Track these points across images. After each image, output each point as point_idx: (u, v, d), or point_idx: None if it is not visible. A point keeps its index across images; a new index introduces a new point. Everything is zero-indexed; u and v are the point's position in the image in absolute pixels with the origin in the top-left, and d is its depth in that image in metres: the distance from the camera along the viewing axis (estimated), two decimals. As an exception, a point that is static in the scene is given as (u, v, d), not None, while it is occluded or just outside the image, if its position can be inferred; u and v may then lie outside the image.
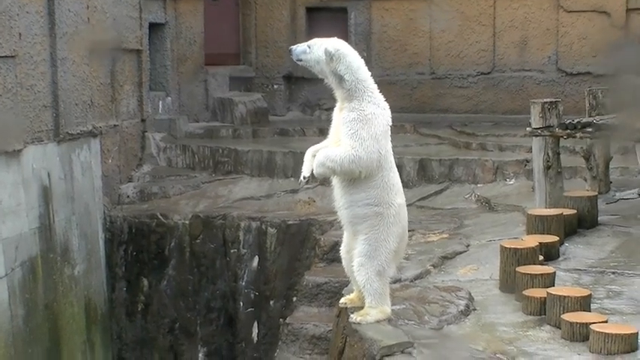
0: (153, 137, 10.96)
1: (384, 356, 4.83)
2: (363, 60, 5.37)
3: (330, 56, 5.26)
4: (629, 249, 6.68)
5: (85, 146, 9.47)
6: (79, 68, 9.35)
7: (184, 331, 9.38)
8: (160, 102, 11.47)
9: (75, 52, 9.25)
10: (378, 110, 5.18)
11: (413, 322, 5.32)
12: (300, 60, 5.48)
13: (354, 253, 5.20)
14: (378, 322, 5.17)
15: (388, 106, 5.27)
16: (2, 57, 8.09)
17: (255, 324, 9.02)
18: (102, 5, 9.83)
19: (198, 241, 9.34)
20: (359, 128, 5.08)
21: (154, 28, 11.35)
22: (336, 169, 5.07)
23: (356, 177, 5.07)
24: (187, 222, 9.41)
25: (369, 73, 5.33)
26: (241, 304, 9.10)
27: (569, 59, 12.44)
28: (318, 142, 11.54)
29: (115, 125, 10.19)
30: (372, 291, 5.14)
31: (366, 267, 5.10)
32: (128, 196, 10.16)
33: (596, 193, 7.59)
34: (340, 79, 5.25)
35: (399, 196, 5.14)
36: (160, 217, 9.54)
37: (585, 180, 8.40)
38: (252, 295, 9.06)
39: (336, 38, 5.38)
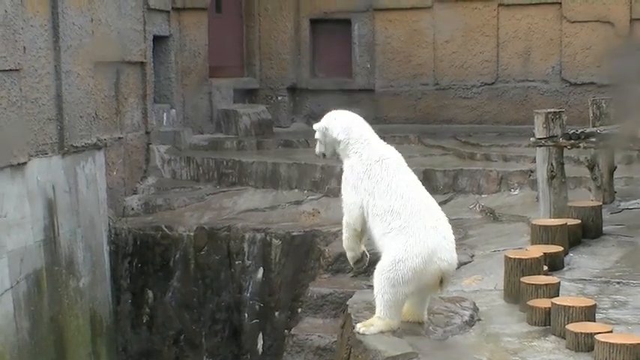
0: (157, 149, 10.98)
1: (388, 367, 4.83)
2: (353, 119, 5.56)
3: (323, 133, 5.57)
4: (633, 259, 6.67)
5: (89, 159, 9.50)
6: (83, 81, 9.37)
7: (189, 343, 9.38)
8: (165, 114, 11.50)
9: (79, 65, 9.28)
10: (354, 160, 5.32)
11: (417, 333, 5.30)
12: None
13: None
14: (381, 332, 5.14)
15: (385, 153, 5.37)
16: (7, 70, 8.12)
17: (260, 335, 9.01)
18: (106, 18, 9.86)
19: (202, 252, 9.35)
20: (342, 191, 5.38)
21: (158, 40, 11.38)
22: (345, 235, 5.38)
23: (360, 230, 5.28)
24: (192, 234, 9.42)
25: (363, 128, 5.47)
26: (246, 315, 9.10)
27: (572, 69, 12.45)
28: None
29: (119, 138, 10.21)
30: (383, 302, 5.10)
31: (381, 277, 5.07)
32: (133, 209, 10.17)
33: (601, 203, 7.59)
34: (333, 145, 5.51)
35: (423, 221, 5.05)
36: (165, 229, 9.55)
37: (590, 190, 8.40)
38: (257, 307, 9.06)
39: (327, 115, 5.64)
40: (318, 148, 5.66)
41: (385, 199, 5.15)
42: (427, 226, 5.05)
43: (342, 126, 5.53)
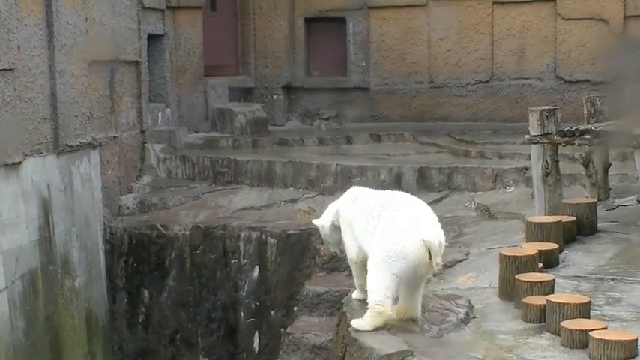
0: (152, 148, 10.97)
1: (383, 365, 4.83)
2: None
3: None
4: (628, 255, 6.68)
5: (84, 158, 9.49)
6: (77, 80, 9.37)
7: (185, 342, 9.38)
8: (160, 113, 11.50)
9: (74, 64, 9.27)
10: None
11: (412, 331, 5.31)
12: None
13: None
14: (376, 327, 5.16)
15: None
16: (1, 70, 8.13)
17: (256, 334, 9.02)
18: (100, 17, 9.86)
19: (198, 251, 9.34)
20: None
21: (153, 39, 11.37)
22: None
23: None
24: (187, 233, 9.42)
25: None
26: (242, 314, 9.10)
27: (567, 67, 12.47)
28: (317, 152, 11.60)
29: (114, 137, 10.21)
30: (374, 287, 5.15)
31: (372, 264, 5.18)
32: (128, 208, 10.17)
33: (595, 200, 7.60)
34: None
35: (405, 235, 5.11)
36: (160, 228, 9.55)
37: (584, 187, 8.41)
38: (252, 305, 9.06)
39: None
40: None
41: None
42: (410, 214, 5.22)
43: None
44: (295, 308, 8.24)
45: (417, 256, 5.04)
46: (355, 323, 5.25)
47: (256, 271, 9.08)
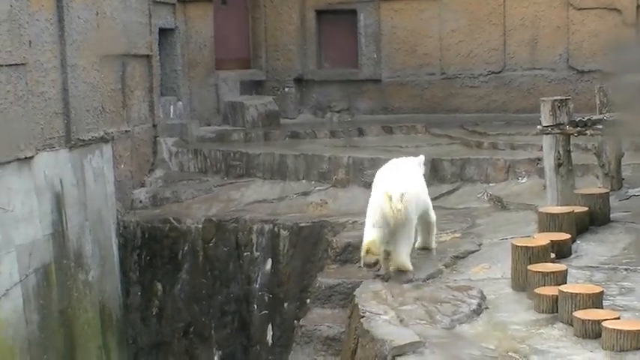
0: (165, 142, 10.99)
1: (395, 356, 4.83)
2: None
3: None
4: (641, 245, 6.65)
5: (96, 152, 9.51)
6: (89, 75, 9.39)
7: (199, 335, 9.40)
8: (171, 107, 11.51)
9: (85, 59, 9.29)
10: None
11: (425, 322, 5.31)
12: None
13: None
14: (364, 262, 6.26)
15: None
16: (13, 65, 8.14)
17: (270, 326, 9.03)
18: (111, 12, 9.87)
19: (211, 244, 9.36)
20: None
21: (164, 33, 11.38)
22: None
23: None
24: (200, 226, 9.43)
25: None
26: (255, 306, 9.12)
27: (580, 57, 12.41)
28: (329, 144, 11.63)
29: (126, 131, 10.23)
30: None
31: None
32: (141, 201, 10.19)
33: (608, 190, 7.57)
34: None
35: None
36: (173, 221, 9.56)
37: (597, 177, 8.37)
38: (265, 298, 9.07)
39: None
40: None
41: None
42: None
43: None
44: (308, 300, 8.22)
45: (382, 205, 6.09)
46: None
47: (269, 263, 9.08)
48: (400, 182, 6.21)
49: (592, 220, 7.11)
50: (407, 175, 6.45)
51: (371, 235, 6.19)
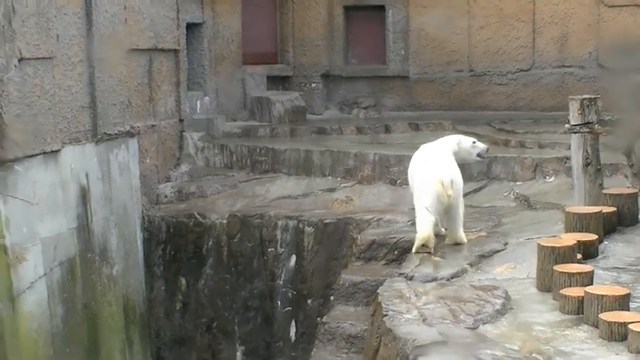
0: (191, 137, 10.98)
1: (418, 356, 4.78)
2: None
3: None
4: (670, 247, 6.56)
5: (122, 146, 9.53)
6: (116, 69, 9.40)
7: (222, 330, 9.39)
8: (198, 101, 11.51)
9: (112, 53, 9.30)
10: None
11: (448, 321, 5.27)
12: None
13: None
14: (417, 250, 6.92)
15: None
16: (40, 58, 8.16)
17: (293, 323, 9.01)
18: (139, 6, 9.87)
19: (235, 240, 9.35)
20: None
21: (192, 27, 11.38)
22: None
23: None
24: (225, 221, 9.42)
25: None
26: (279, 303, 9.10)
27: (610, 54, 12.26)
28: (355, 141, 11.69)
29: (152, 125, 10.24)
30: None
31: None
32: (166, 196, 10.20)
33: (637, 191, 7.45)
34: None
35: None
36: (198, 216, 9.56)
37: (626, 177, 8.27)
38: (289, 294, 9.05)
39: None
40: None
41: None
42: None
43: None
44: (331, 298, 8.21)
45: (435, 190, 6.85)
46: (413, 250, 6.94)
47: (293, 260, 9.06)
48: (449, 169, 7.02)
49: (620, 220, 7.02)
50: (451, 160, 7.20)
51: (426, 229, 6.88)
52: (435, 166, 7.04)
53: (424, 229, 6.90)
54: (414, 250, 6.94)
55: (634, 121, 7.08)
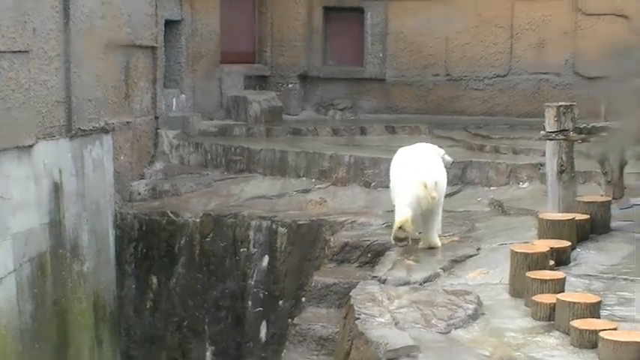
0: (166, 134, 10.94)
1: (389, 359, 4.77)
2: None
3: None
4: (641, 255, 6.59)
5: (97, 142, 9.46)
6: (92, 64, 9.32)
7: (192, 330, 9.35)
8: (174, 99, 11.45)
9: (89, 48, 9.22)
10: None
11: (420, 326, 5.26)
12: None
13: None
14: (395, 237, 7.00)
15: None
16: (16, 52, 8.08)
17: (264, 324, 8.98)
18: (117, 2, 9.81)
19: (208, 239, 9.31)
20: None
21: (170, 25, 11.32)
22: None
23: None
24: (198, 220, 9.38)
25: None
26: (250, 303, 9.07)
27: (586, 62, 12.33)
28: (331, 142, 11.74)
29: (127, 122, 10.17)
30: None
31: None
32: (139, 194, 10.14)
33: (610, 199, 7.50)
34: None
35: None
36: (171, 214, 9.51)
37: (600, 185, 8.31)
38: (261, 295, 9.02)
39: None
40: None
41: None
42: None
43: None
44: (303, 299, 8.17)
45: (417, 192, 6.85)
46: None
47: (266, 260, 9.04)
48: (434, 170, 7.06)
49: (593, 228, 7.05)
50: (436, 162, 7.23)
51: (405, 212, 6.84)
52: (420, 167, 7.04)
53: (403, 213, 6.87)
54: (392, 236, 6.99)
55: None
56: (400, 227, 6.86)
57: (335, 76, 13.20)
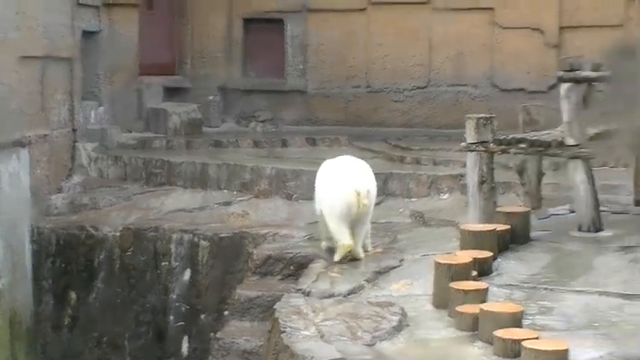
0: (84, 147, 10.77)
1: (315, 373, 4.75)
2: None
3: None
4: (560, 265, 6.70)
5: (13, 156, 9.25)
6: (7, 76, 9.14)
7: (112, 346, 9.17)
8: (92, 112, 11.28)
9: (4, 59, 9.03)
10: None
11: (346, 338, 5.24)
12: None
13: None
14: (341, 257, 6.96)
15: None
16: None
17: (186, 338, 8.87)
18: (33, 12, 9.63)
19: (128, 253, 9.16)
20: None
21: (87, 36, 11.16)
22: None
23: None
24: (118, 234, 9.22)
25: None
26: (171, 317, 8.95)
27: (503, 75, 12.55)
28: (252, 154, 11.66)
29: (44, 135, 9.98)
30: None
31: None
32: (57, 208, 9.96)
33: (529, 209, 7.61)
34: None
35: None
36: (90, 228, 9.34)
37: (518, 195, 8.43)
38: (182, 309, 8.91)
39: None
40: None
41: None
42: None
43: None
44: (226, 313, 8.11)
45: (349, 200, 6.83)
46: (335, 258, 6.98)
47: (187, 274, 8.93)
48: (366, 178, 7.05)
49: (513, 238, 7.13)
50: (367, 172, 7.19)
51: (348, 237, 6.92)
52: (353, 175, 7.02)
53: (346, 237, 6.91)
54: (338, 258, 6.98)
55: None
56: (347, 253, 6.95)
57: (256, 88, 13.17)
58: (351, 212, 6.86)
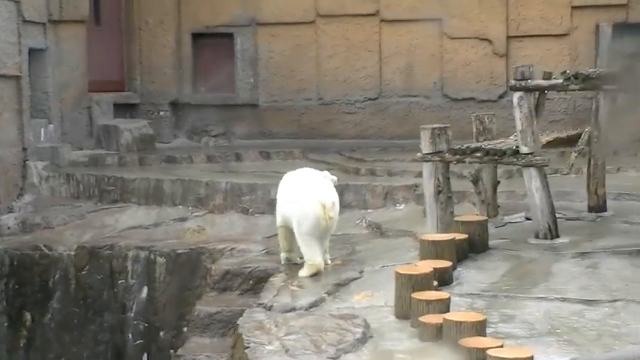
0: (35, 166, 10.64)
1: (282, 388, 4.73)
2: None
3: None
4: (519, 272, 6.75)
5: (-38, 176, 9.11)
6: (-45, 95, 9.00)
7: (70, 366, 9.07)
8: (42, 130, 11.15)
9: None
10: None
11: (310, 352, 5.22)
12: None
13: None
14: (312, 274, 6.88)
15: None
16: None
17: (145, 356, 8.79)
18: (-21, 30, 9.51)
19: (84, 272, 9.05)
20: None
21: (35, 53, 11.03)
22: None
23: None
24: (72, 253, 9.11)
25: None
26: (130, 335, 8.86)
27: (453, 85, 12.66)
28: (206, 169, 11.57)
29: (-6, 154, 9.84)
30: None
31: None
32: (9, 228, 9.82)
33: (487, 218, 7.67)
34: None
35: None
36: (44, 248, 9.22)
37: (474, 204, 8.50)
38: (141, 327, 8.83)
39: None
40: None
41: None
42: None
43: None
44: (185, 329, 8.05)
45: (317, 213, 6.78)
46: (301, 273, 6.91)
47: (145, 291, 8.86)
48: (330, 191, 6.96)
49: (471, 247, 7.17)
50: (329, 184, 7.06)
51: (319, 256, 6.93)
52: (317, 188, 6.95)
53: (316, 256, 6.91)
54: (305, 275, 6.93)
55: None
56: (317, 271, 6.91)
57: (207, 103, 13.13)
58: (320, 226, 6.83)
